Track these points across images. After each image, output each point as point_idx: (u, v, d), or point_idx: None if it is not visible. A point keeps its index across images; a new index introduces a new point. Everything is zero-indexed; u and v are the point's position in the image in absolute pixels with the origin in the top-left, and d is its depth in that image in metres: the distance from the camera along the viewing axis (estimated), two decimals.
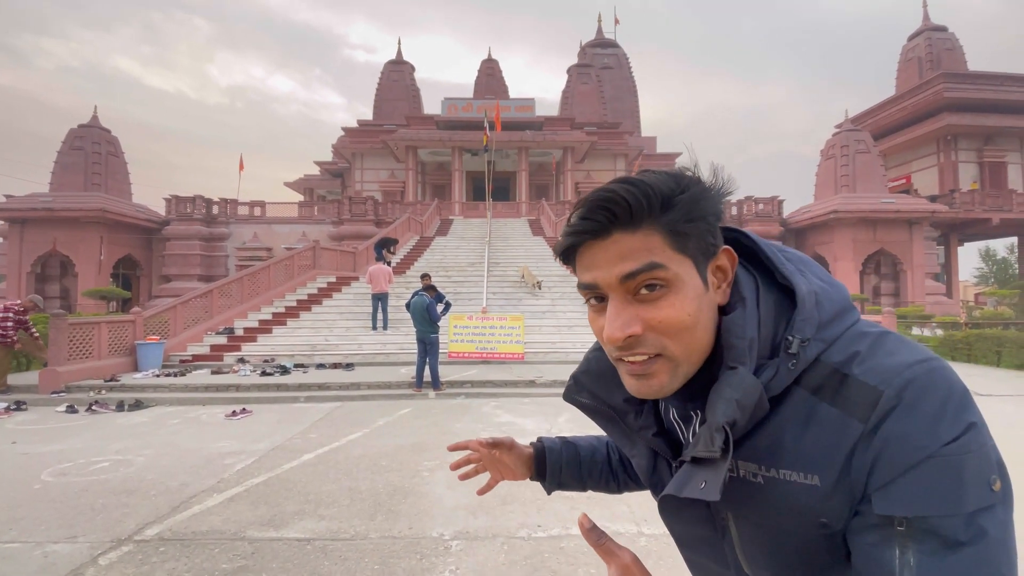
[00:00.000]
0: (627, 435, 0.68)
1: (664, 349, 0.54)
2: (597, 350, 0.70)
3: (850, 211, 20.89)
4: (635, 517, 3.27)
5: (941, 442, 0.47)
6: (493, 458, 0.92)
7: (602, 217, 0.53)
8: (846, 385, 0.51)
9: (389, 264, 14.25)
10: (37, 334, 8.20)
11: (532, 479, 0.93)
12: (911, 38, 29.61)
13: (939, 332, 12.76)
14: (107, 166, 22.10)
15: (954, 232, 25.47)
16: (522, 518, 3.26)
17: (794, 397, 0.54)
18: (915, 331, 13.81)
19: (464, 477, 0.96)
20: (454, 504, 3.49)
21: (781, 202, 23.95)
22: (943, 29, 28.75)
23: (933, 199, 23.97)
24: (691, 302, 0.54)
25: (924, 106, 26.26)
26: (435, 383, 7.68)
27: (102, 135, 22.27)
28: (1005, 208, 23.95)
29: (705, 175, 0.57)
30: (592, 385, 0.69)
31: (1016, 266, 28.64)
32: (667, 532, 0.68)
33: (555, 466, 0.92)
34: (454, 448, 0.93)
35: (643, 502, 3.45)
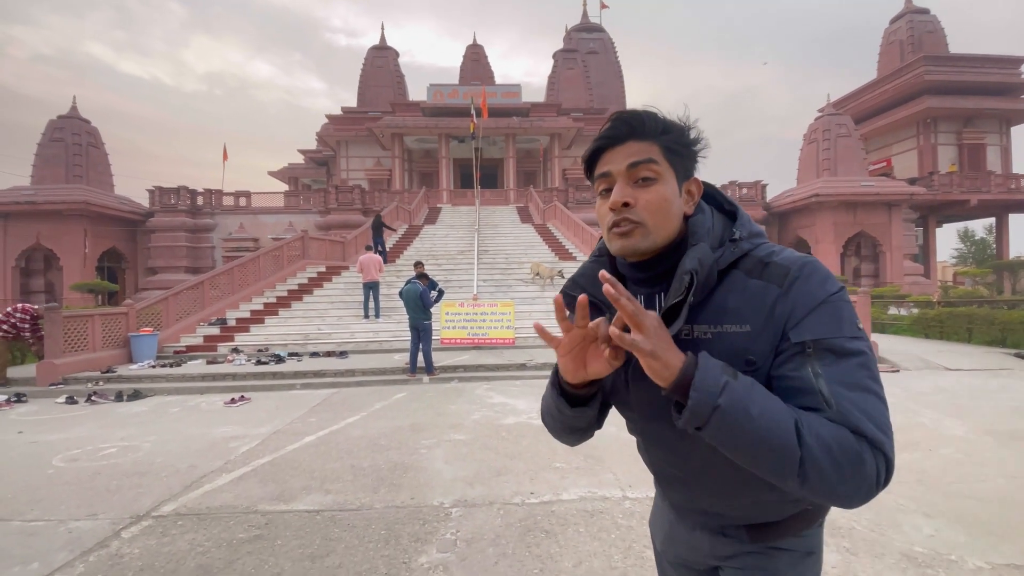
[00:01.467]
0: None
1: (643, 220, 0.79)
2: (591, 261, 0.96)
3: (831, 194, 21.31)
4: (620, 483, 3.53)
5: (828, 292, 0.75)
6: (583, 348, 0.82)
7: (623, 128, 0.81)
8: (768, 267, 0.79)
9: (382, 250, 14.55)
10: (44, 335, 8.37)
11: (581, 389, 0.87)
12: (893, 21, 29.90)
13: (915, 311, 13.21)
14: (88, 157, 21.80)
15: (933, 214, 26.05)
16: (516, 487, 3.50)
17: (734, 276, 0.81)
18: (891, 310, 14.26)
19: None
20: (452, 477, 3.72)
21: (764, 187, 24.31)
22: (925, 11, 29.05)
23: (912, 182, 24.47)
24: (668, 194, 0.81)
25: (905, 89, 26.66)
26: (428, 368, 7.90)
27: (82, 126, 21.93)
28: (983, 190, 24.52)
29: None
30: (587, 284, 0.91)
31: (994, 246, 29.32)
32: (649, 496, 0.91)
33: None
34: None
35: (628, 470, 3.71)
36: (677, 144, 0.82)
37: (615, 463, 3.88)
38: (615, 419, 0.96)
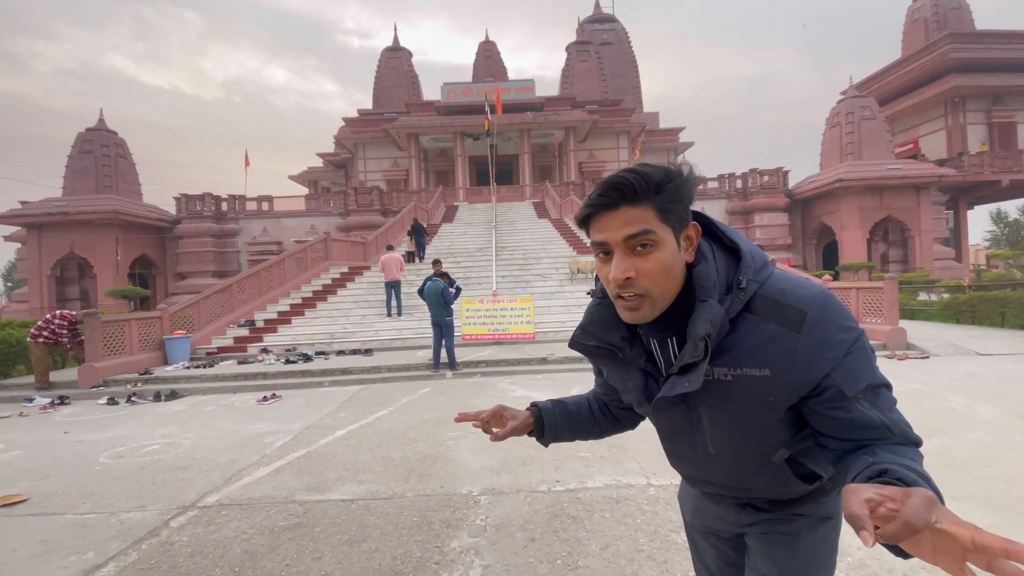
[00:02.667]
0: (623, 364, 0.94)
1: (647, 290, 0.81)
2: (596, 304, 0.94)
3: (856, 179, 20.81)
4: (644, 471, 3.59)
5: (851, 340, 0.80)
6: (496, 422, 1.08)
7: (614, 195, 0.80)
8: (781, 309, 0.81)
9: (421, 254, 15.69)
10: (82, 339, 8.72)
11: (530, 435, 1.12)
12: None
13: (945, 296, 12.89)
14: (117, 168, 22.51)
15: (963, 196, 25.27)
16: (541, 475, 3.59)
17: (747, 318, 0.82)
18: (921, 296, 13.93)
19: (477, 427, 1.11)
20: (479, 467, 3.83)
21: (786, 173, 23.86)
22: None
23: (941, 163, 23.76)
24: (669, 257, 0.81)
25: (931, 68, 25.83)
26: (452, 363, 8.03)
27: (110, 137, 22.64)
28: (1015, 169, 23.69)
29: (686, 170, 0.84)
30: (596, 330, 0.94)
31: None
32: (674, 483, 1.04)
33: (551, 424, 1.12)
34: (460, 420, 1.09)
35: (651, 459, 3.77)
36: (671, 202, 0.80)
37: (639, 452, 3.94)
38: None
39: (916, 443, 0.79)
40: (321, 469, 3.96)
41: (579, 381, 7.09)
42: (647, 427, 1.14)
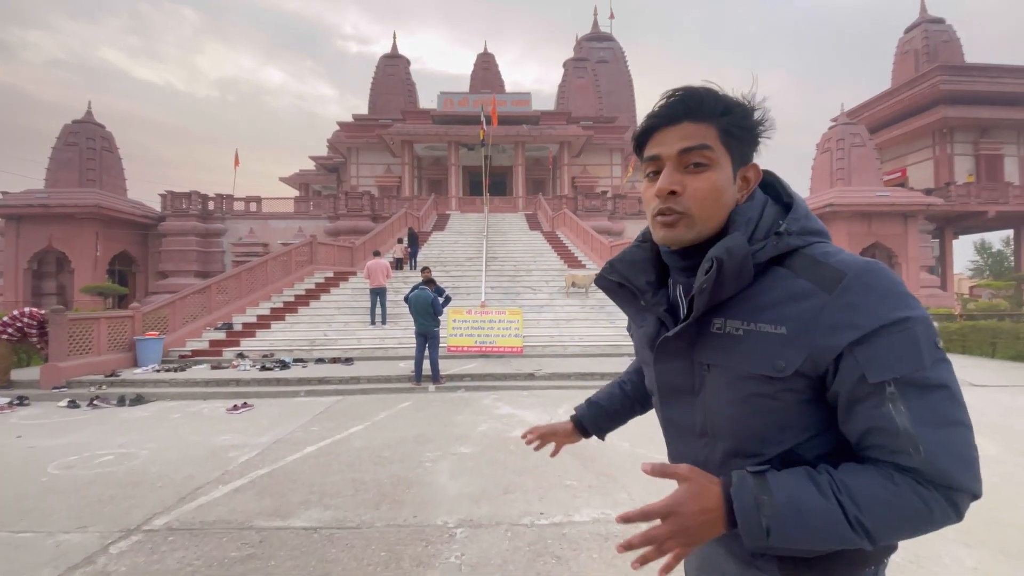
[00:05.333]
0: (641, 310, 0.87)
1: (689, 210, 0.74)
2: (634, 246, 0.89)
3: (845, 204, 20.98)
4: (635, 503, 3.33)
5: (899, 314, 0.64)
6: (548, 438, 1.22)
7: (679, 108, 0.73)
8: (819, 267, 0.69)
9: (413, 262, 15.73)
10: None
11: (585, 436, 1.22)
12: (908, 30, 29.61)
13: (935, 324, 12.85)
14: (102, 162, 22.00)
15: (949, 225, 25.58)
16: (524, 506, 3.31)
17: (778, 271, 0.73)
18: None
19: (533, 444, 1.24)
20: (457, 493, 3.55)
21: None
22: (940, 21, 28.75)
23: (929, 192, 24.05)
24: (721, 182, 0.74)
25: (920, 99, 26.30)
26: (435, 376, 7.73)
27: (96, 130, 22.15)
28: (1001, 201, 24.06)
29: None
30: (624, 269, 0.87)
31: (1011, 258, 28.77)
32: None
33: (593, 424, 1.20)
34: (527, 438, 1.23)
35: (642, 488, 3.51)
36: (737, 127, 0.75)
37: (630, 481, 3.69)
38: (627, 433, 0.80)
39: (951, 487, 0.62)
40: (285, 491, 3.64)
41: (566, 399, 6.83)
42: (639, 452, 1.07)
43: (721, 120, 0.73)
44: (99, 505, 3.47)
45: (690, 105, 0.73)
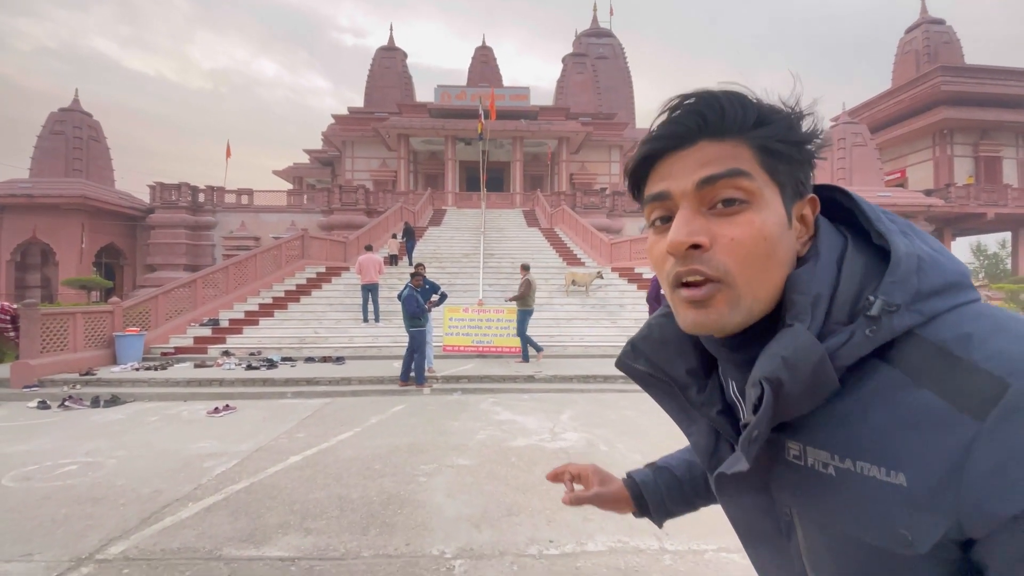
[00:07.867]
0: (686, 411, 0.61)
1: (727, 275, 0.47)
2: (661, 316, 0.61)
3: None
4: (656, 531, 2.98)
5: None
6: (583, 480, 0.84)
7: (692, 122, 0.49)
8: (957, 370, 0.41)
9: (409, 258, 15.17)
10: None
11: (636, 516, 0.82)
12: (908, 31, 29.43)
13: None
14: (88, 151, 21.42)
15: (948, 226, 25.45)
16: (531, 532, 2.95)
17: (881, 375, 0.44)
18: None
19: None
20: (455, 515, 3.18)
21: None
22: (941, 22, 28.60)
23: (928, 193, 23.90)
24: (771, 227, 0.47)
25: (921, 99, 26.12)
26: (419, 378, 7.28)
27: (83, 119, 21.57)
28: (1000, 203, 23.94)
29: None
30: (652, 352, 0.60)
31: (1007, 261, 28.75)
32: (693, 549, 0.47)
33: (656, 499, 0.81)
34: (553, 479, 0.85)
35: None
36: (782, 143, 0.49)
37: None
38: (640, 446, 0.43)
39: None
40: (262, 510, 3.26)
41: (570, 404, 6.48)
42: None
43: (756, 134, 0.48)
44: (52, 526, 3.08)
45: (707, 116, 0.48)
